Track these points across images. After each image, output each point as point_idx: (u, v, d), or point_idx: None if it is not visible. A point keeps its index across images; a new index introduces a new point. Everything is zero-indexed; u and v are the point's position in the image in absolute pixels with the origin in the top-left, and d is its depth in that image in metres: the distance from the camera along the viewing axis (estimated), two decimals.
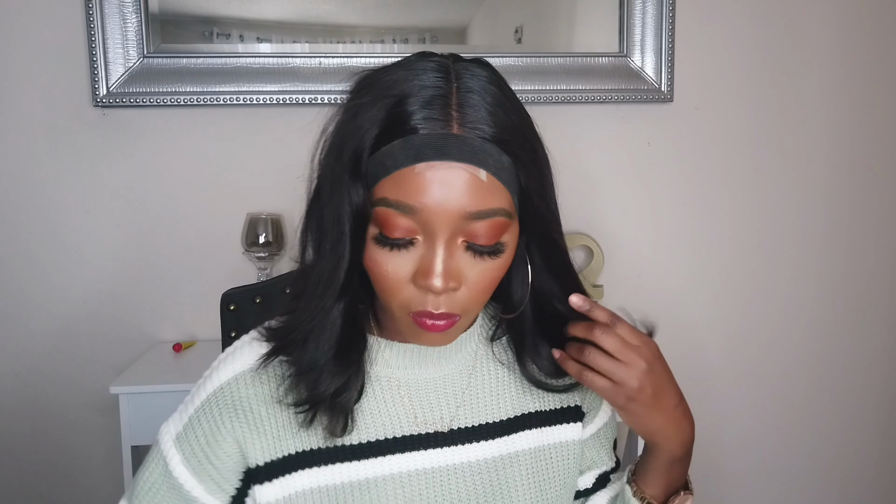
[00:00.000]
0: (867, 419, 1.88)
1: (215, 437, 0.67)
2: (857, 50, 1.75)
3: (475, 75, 0.60)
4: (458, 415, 0.71)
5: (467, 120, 0.57)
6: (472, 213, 0.57)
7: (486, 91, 0.59)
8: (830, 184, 1.79)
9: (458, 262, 0.59)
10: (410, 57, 0.63)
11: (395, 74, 0.60)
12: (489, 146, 0.57)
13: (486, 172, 0.57)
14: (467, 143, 0.57)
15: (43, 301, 1.60)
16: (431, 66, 0.60)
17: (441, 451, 0.69)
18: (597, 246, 1.67)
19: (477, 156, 0.57)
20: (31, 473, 1.65)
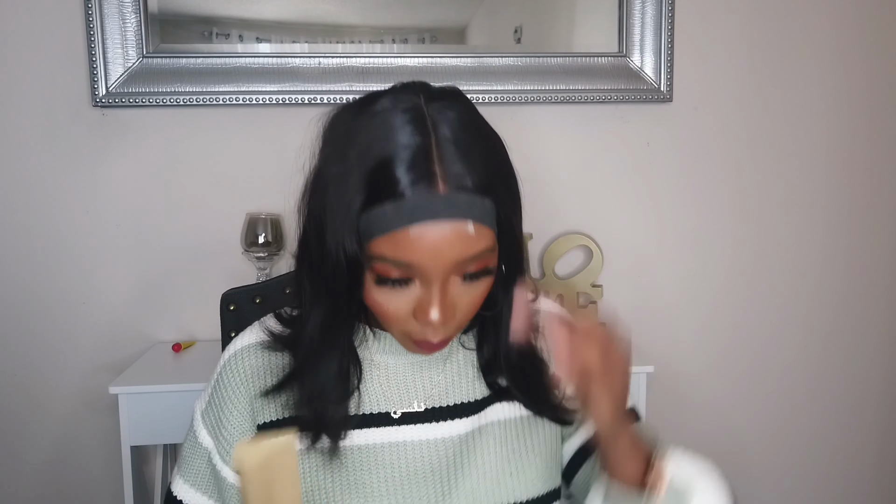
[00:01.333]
0: (867, 419, 1.88)
1: (226, 404, 0.76)
2: (856, 50, 1.75)
3: (449, 119, 0.62)
4: (433, 395, 0.77)
5: (450, 175, 0.60)
6: (463, 259, 0.62)
7: (463, 135, 0.62)
8: (830, 183, 1.79)
9: (453, 294, 0.65)
10: (383, 100, 0.64)
11: (371, 131, 0.62)
12: (473, 198, 0.61)
13: (472, 223, 0.61)
14: (454, 200, 0.60)
15: (42, 301, 1.60)
16: (406, 119, 0.62)
17: (415, 426, 0.76)
18: (596, 246, 1.67)
19: (463, 211, 0.61)
20: (31, 473, 1.65)
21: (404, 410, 0.76)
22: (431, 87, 0.66)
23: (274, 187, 1.58)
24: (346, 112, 0.67)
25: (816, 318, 1.82)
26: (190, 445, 0.79)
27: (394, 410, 0.76)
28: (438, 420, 0.76)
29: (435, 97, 0.64)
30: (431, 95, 0.64)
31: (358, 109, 0.65)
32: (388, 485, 0.74)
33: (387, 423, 0.75)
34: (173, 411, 1.36)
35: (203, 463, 0.77)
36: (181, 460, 0.79)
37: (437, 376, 0.77)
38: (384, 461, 0.74)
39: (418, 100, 0.63)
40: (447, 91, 0.66)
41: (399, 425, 0.75)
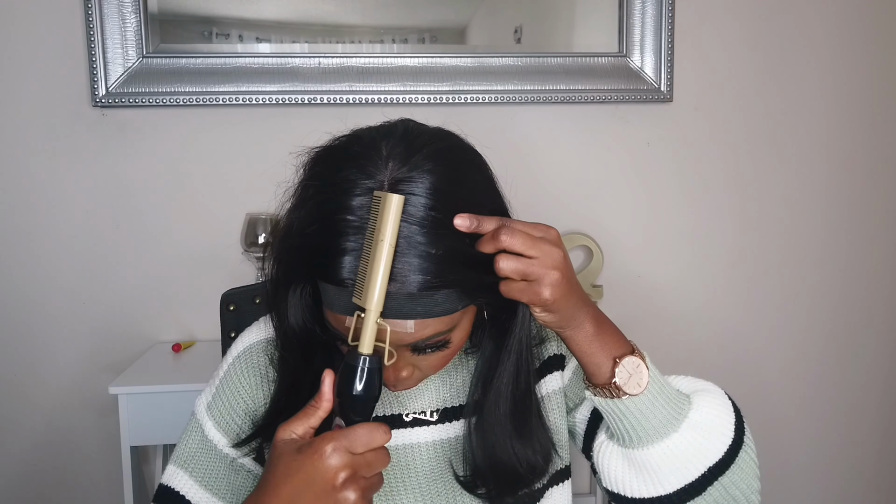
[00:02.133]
0: (867, 419, 1.88)
1: (236, 398, 0.76)
2: (856, 49, 1.75)
3: (410, 204, 0.57)
4: (444, 397, 0.76)
5: (395, 274, 0.57)
6: (409, 344, 0.61)
7: (417, 225, 0.57)
8: (830, 183, 1.79)
9: (408, 359, 0.64)
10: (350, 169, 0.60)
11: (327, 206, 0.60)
12: (418, 297, 0.58)
13: (413, 322, 0.59)
14: (393, 300, 0.58)
15: (42, 301, 1.60)
16: (365, 204, 0.58)
17: (427, 428, 0.75)
18: (596, 246, 1.67)
19: (403, 310, 0.58)
20: (31, 473, 1.65)
21: (416, 416, 0.76)
22: (412, 146, 0.61)
23: (274, 187, 1.58)
24: (317, 165, 0.64)
25: (816, 317, 1.82)
26: (195, 442, 0.77)
27: (405, 413, 0.76)
28: (451, 420, 0.76)
29: (407, 166, 0.59)
30: (403, 163, 0.59)
31: (325, 170, 0.63)
32: (406, 484, 0.74)
33: (399, 425, 0.75)
34: (173, 411, 1.36)
35: (211, 457, 0.76)
36: (182, 456, 0.77)
37: (447, 380, 0.77)
38: (400, 461, 0.74)
39: (384, 174, 0.59)
40: (427, 155, 0.60)
41: (412, 427, 0.75)
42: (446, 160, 0.61)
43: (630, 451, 0.65)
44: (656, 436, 0.64)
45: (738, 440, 0.66)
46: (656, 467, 0.64)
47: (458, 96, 1.62)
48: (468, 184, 0.62)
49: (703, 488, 0.64)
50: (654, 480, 0.64)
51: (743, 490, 0.65)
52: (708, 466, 0.64)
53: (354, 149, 0.62)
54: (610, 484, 0.67)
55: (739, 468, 0.65)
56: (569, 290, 0.61)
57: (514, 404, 0.69)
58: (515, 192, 0.70)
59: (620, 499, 0.67)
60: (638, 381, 0.63)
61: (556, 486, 0.79)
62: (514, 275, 0.59)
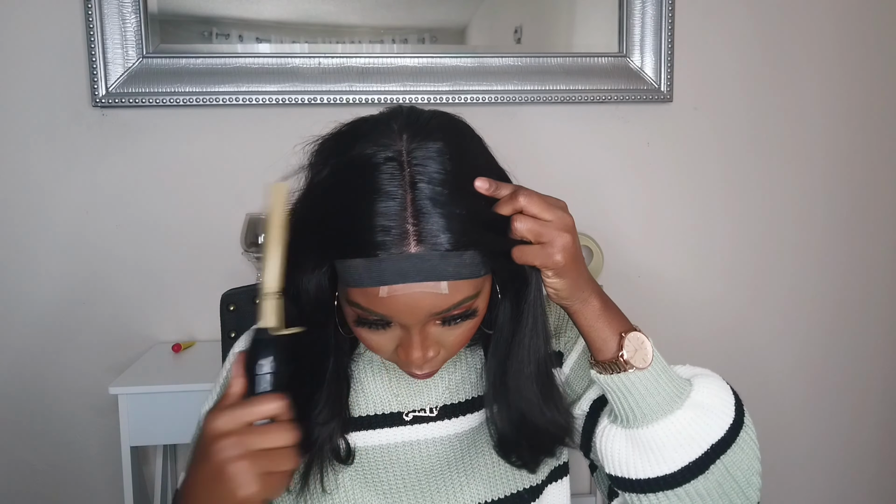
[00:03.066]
0: (867, 419, 1.88)
1: None
2: (856, 49, 1.75)
3: (429, 171, 0.59)
4: (443, 395, 0.77)
5: (425, 235, 0.58)
6: (438, 312, 0.62)
7: (443, 188, 0.59)
8: (830, 183, 1.79)
9: (435, 336, 0.65)
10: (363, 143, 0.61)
11: (347, 182, 0.61)
12: (449, 257, 0.59)
13: (446, 284, 0.60)
14: (426, 261, 0.59)
15: (42, 301, 1.60)
16: (384, 172, 0.59)
17: (427, 425, 0.76)
18: (596, 246, 1.67)
19: (436, 271, 0.59)
20: (31, 474, 1.65)
21: (416, 413, 0.77)
22: (418, 121, 0.63)
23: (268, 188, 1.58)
24: (327, 149, 0.65)
25: (816, 316, 1.82)
26: None
27: (405, 412, 0.76)
28: (450, 417, 0.77)
29: (419, 137, 0.61)
30: (416, 135, 0.61)
31: (338, 149, 0.64)
32: (406, 481, 0.75)
33: (399, 423, 0.76)
34: (173, 411, 1.36)
35: None
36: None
37: (447, 378, 0.78)
38: (399, 459, 0.75)
39: (400, 145, 0.60)
40: (434, 127, 0.63)
41: (411, 425, 0.76)
42: (454, 131, 0.64)
43: (633, 431, 0.65)
44: (660, 412, 0.64)
45: (739, 421, 0.67)
46: (660, 445, 0.64)
47: (458, 96, 1.62)
48: (475, 151, 0.66)
49: (706, 467, 0.65)
50: (658, 459, 0.65)
51: (744, 471, 0.66)
52: (711, 444, 0.65)
53: (364, 128, 0.64)
54: (613, 468, 0.67)
55: (740, 448, 0.66)
56: (578, 256, 0.63)
57: (536, 368, 0.70)
58: None
59: (624, 482, 0.67)
60: (643, 356, 0.65)
61: (555, 482, 0.79)
62: (530, 234, 0.61)
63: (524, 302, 0.68)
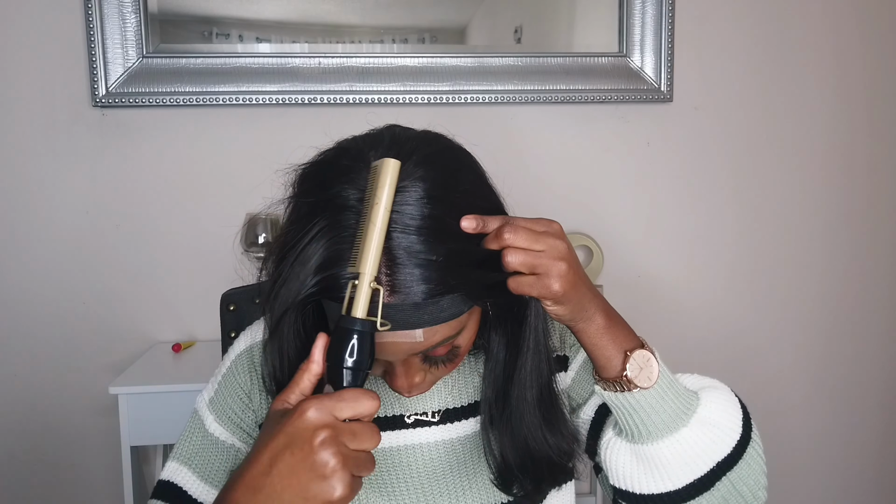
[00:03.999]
0: (867, 419, 1.88)
1: (238, 394, 0.76)
2: (856, 49, 1.75)
3: (405, 215, 0.57)
4: (445, 399, 0.77)
5: (397, 286, 0.57)
6: (416, 353, 0.61)
7: (416, 233, 0.57)
8: (830, 183, 1.79)
9: (418, 366, 0.65)
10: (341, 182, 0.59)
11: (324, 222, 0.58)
12: (424, 306, 0.58)
13: (421, 332, 0.59)
14: (399, 312, 0.57)
15: (42, 301, 1.60)
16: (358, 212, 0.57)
17: (429, 429, 0.75)
18: (596, 246, 1.67)
19: (409, 321, 0.58)
20: (31, 474, 1.65)
21: (418, 417, 0.76)
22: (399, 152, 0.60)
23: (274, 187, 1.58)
24: (308, 181, 0.63)
25: (816, 317, 1.82)
26: (197, 438, 0.76)
27: (408, 415, 0.76)
28: (452, 421, 0.76)
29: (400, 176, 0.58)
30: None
31: (316, 184, 0.62)
32: (409, 484, 0.75)
33: (401, 426, 0.75)
34: (173, 411, 1.36)
35: (213, 452, 0.76)
36: (183, 452, 0.76)
37: (449, 383, 0.77)
38: (402, 462, 0.75)
39: None
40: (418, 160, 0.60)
41: (413, 428, 0.76)
42: (437, 165, 0.61)
43: (639, 447, 0.65)
44: (665, 430, 0.63)
45: (746, 436, 0.66)
46: (665, 462, 0.64)
47: (458, 96, 1.62)
48: (462, 185, 0.62)
49: (712, 483, 0.64)
50: (663, 475, 0.64)
51: (750, 486, 0.65)
52: (717, 461, 0.64)
53: (343, 162, 0.61)
54: (617, 481, 0.67)
55: (747, 464, 0.65)
56: (577, 280, 0.61)
57: (539, 392, 0.69)
58: (515, 191, 0.70)
59: (628, 496, 0.67)
60: (648, 374, 0.63)
61: (558, 487, 0.79)
62: (522, 268, 0.59)
63: (526, 327, 0.66)
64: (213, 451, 0.76)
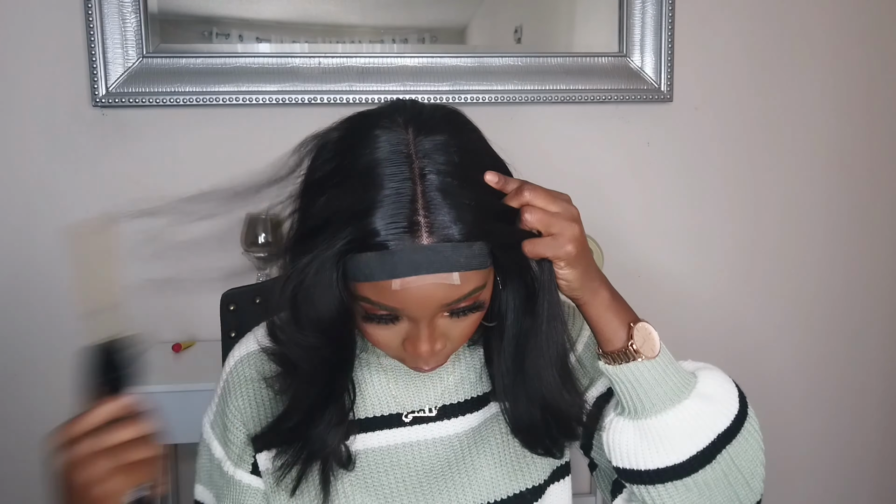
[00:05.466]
0: (867, 419, 1.88)
1: (229, 416, 0.76)
2: (856, 50, 1.75)
3: (437, 162, 0.59)
4: (443, 395, 0.77)
5: (435, 226, 0.58)
6: (449, 303, 0.62)
7: (452, 179, 0.59)
8: (830, 183, 1.79)
9: (442, 328, 0.64)
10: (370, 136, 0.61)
11: (355, 174, 0.60)
12: (459, 247, 0.59)
13: (458, 275, 0.60)
14: (438, 253, 0.58)
15: (42, 301, 1.60)
16: (392, 164, 0.59)
17: (427, 426, 0.76)
18: (596, 246, 1.67)
19: (449, 262, 0.59)
20: (31, 474, 1.64)
21: (415, 414, 0.76)
22: (422, 115, 0.63)
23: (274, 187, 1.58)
24: (330, 144, 0.64)
25: (816, 317, 1.82)
26: (206, 460, 0.79)
27: (405, 413, 0.76)
28: (450, 417, 0.76)
29: (425, 131, 0.61)
30: (421, 128, 0.61)
31: (343, 144, 0.63)
32: (406, 484, 0.74)
33: (398, 424, 0.75)
34: (173, 411, 1.34)
35: (219, 475, 0.77)
36: (201, 475, 0.80)
37: (446, 377, 0.77)
38: (398, 461, 0.75)
39: (406, 137, 0.60)
40: (438, 120, 0.63)
41: (410, 426, 0.76)
42: (456, 123, 0.65)
43: (642, 421, 0.66)
44: (668, 401, 0.66)
45: (742, 412, 0.68)
46: (668, 434, 0.65)
47: (458, 96, 1.62)
48: (478, 143, 0.66)
49: (712, 457, 0.65)
50: (667, 448, 0.65)
51: (749, 461, 0.67)
52: (717, 433, 0.66)
53: (369, 120, 0.64)
54: (620, 460, 0.68)
55: (745, 438, 0.67)
56: (586, 246, 0.65)
57: (556, 350, 0.70)
58: None
59: (632, 474, 0.67)
60: (651, 346, 0.67)
61: (557, 482, 0.79)
62: (539, 225, 0.62)
63: (540, 289, 0.67)
64: (219, 475, 0.77)
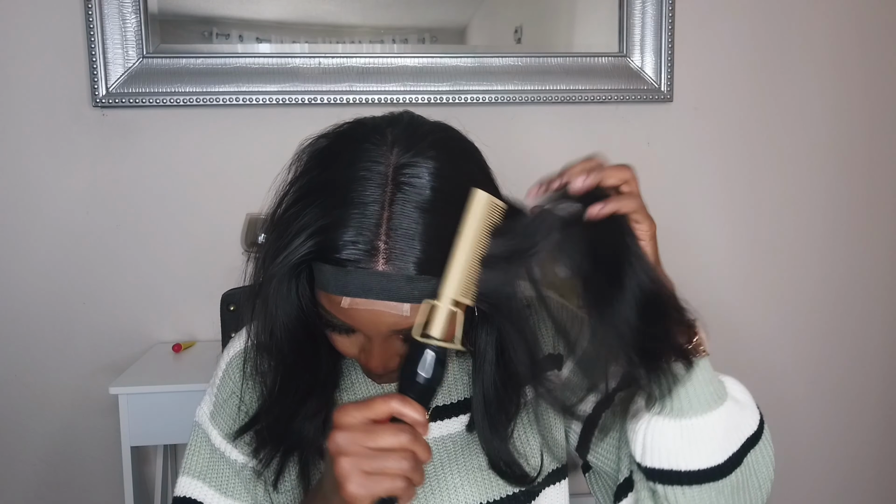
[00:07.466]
0: (867, 419, 1.88)
1: (236, 404, 0.75)
2: (856, 50, 1.76)
3: (414, 188, 0.58)
4: None
5: (394, 255, 0.57)
6: (401, 330, 0.61)
7: (422, 211, 0.58)
8: (829, 183, 1.79)
9: (396, 348, 0.64)
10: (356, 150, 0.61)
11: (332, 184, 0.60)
12: (415, 280, 0.58)
13: (409, 306, 0.59)
14: (392, 281, 0.58)
15: (42, 301, 1.60)
16: (368, 183, 0.59)
17: None
18: None
19: (400, 292, 0.58)
20: (31, 474, 1.65)
21: None
22: (415, 135, 0.62)
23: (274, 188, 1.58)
24: (320, 147, 0.65)
25: (816, 317, 1.82)
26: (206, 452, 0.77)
27: None
28: (442, 418, 0.76)
29: (411, 153, 0.60)
30: (407, 149, 0.60)
31: (328, 153, 0.63)
32: None
33: None
34: (173, 412, 1.36)
35: (224, 466, 0.76)
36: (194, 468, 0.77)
37: None
38: None
39: (389, 158, 0.60)
40: (430, 143, 0.61)
41: None
42: (448, 148, 0.63)
43: (687, 421, 0.64)
44: (714, 402, 0.64)
45: (762, 418, 0.68)
46: (711, 436, 0.64)
47: (458, 96, 1.62)
48: (470, 172, 0.64)
49: (741, 460, 0.65)
50: (711, 449, 0.64)
51: (765, 465, 0.67)
52: (747, 437, 0.66)
53: (359, 132, 0.63)
54: (659, 460, 0.65)
55: (764, 444, 0.67)
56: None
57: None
58: (515, 192, 0.70)
59: (668, 475, 0.65)
60: (706, 340, 0.68)
61: (552, 486, 0.79)
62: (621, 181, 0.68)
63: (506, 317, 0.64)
64: (225, 465, 0.76)
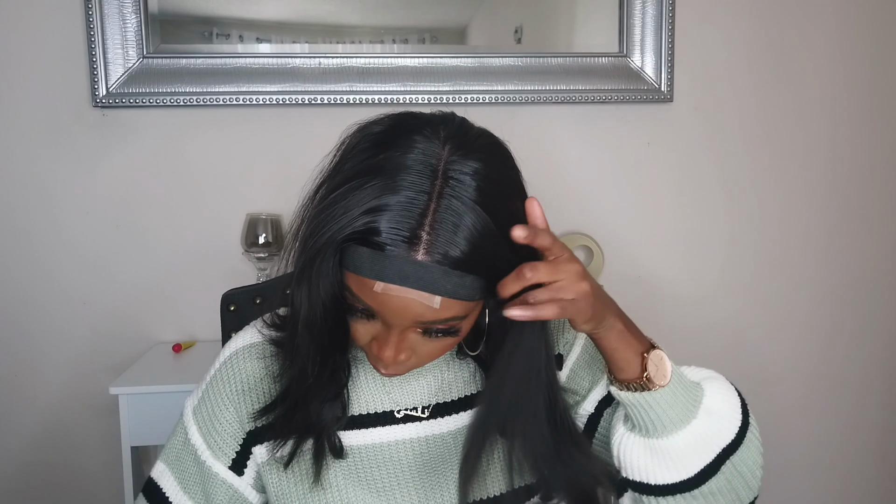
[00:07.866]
0: (867, 419, 1.88)
1: (219, 406, 0.76)
2: (856, 50, 1.75)
3: (462, 185, 0.60)
4: (436, 393, 0.77)
5: (435, 247, 0.59)
6: (424, 322, 0.62)
7: (468, 208, 0.59)
8: (830, 184, 1.79)
9: (411, 341, 0.65)
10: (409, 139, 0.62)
11: (382, 170, 0.61)
12: (450, 274, 0.59)
13: (440, 299, 0.60)
14: (428, 272, 0.59)
15: (42, 301, 1.60)
16: (419, 173, 0.60)
17: (419, 424, 0.76)
18: (596, 246, 1.67)
19: (435, 284, 0.59)
20: (31, 474, 1.65)
21: (407, 412, 0.77)
22: (466, 136, 0.64)
23: (274, 187, 1.58)
24: (371, 133, 0.65)
25: (816, 317, 1.82)
26: (180, 443, 0.79)
27: (397, 410, 0.76)
28: (443, 415, 0.77)
29: (461, 152, 0.61)
30: (458, 148, 0.62)
31: (381, 139, 0.64)
32: (399, 479, 0.75)
33: (391, 421, 0.76)
34: (173, 412, 1.34)
35: (190, 461, 0.77)
36: (168, 455, 0.79)
37: (439, 375, 0.78)
38: (392, 457, 0.75)
39: (441, 152, 0.61)
40: (479, 146, 0.63)
41: (403, 423, 0.76)
42: (494, 154, 0.65)
43: (654, 441, 0.67)
44: (679, 423, 0.67)
45: (745, 422, 0.70)
46: (679, 453, 0.67)
47: (459, 96, 1.62)
48: (512, 182, 0.66)
49: (718, 468, 0.68)
50: (677, 466, 0.67)
51: (749, 466, 0.69)
52: (722, 447, 0.68)
53: (413, 124, 0.64)
54: (632, 473, 0.69)
55: (747, 447, 0.69)
56: (597, 293, 0.64)
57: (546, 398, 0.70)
58: None
59: (643, 486, 0.69)
60: (663, 373, 0.67)
61: None
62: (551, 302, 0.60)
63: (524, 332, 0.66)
64: (191, 461, 0.77)
